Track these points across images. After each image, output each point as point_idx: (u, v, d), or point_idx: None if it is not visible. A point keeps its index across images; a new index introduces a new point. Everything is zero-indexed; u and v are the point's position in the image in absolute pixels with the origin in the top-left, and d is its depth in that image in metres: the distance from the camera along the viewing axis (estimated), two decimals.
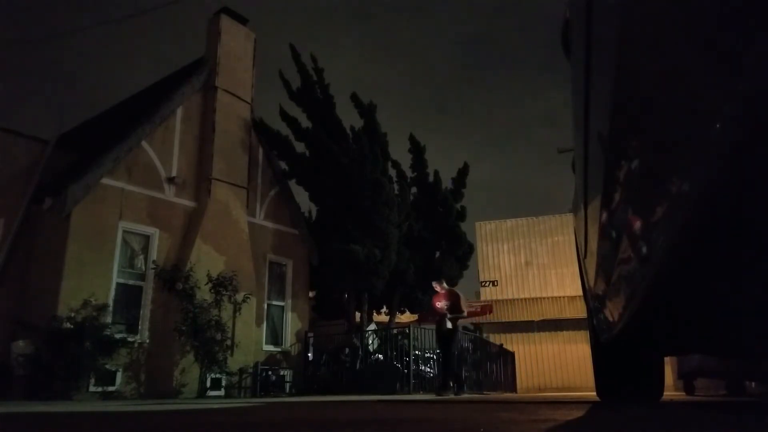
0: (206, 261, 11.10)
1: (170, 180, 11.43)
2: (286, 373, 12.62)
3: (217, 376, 10.75)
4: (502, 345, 17.53)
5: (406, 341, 11.89)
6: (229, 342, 10.91)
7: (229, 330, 10.97)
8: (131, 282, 10.54)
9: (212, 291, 10.66)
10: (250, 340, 11.81)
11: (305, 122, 14.38)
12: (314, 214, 15.47)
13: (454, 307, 8.95)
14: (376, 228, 13.32)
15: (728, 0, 0.65)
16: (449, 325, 8.90)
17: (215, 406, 4.75)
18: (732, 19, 0.64)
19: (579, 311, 19.11)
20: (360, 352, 12.45)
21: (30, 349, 8.77)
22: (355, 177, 13.42)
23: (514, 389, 16.83)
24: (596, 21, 1.23)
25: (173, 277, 10.51)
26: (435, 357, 13.34)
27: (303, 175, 14.13)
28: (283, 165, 14.37)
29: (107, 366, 9.43)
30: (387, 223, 13.50)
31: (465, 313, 9.22)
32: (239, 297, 11.05)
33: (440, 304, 9.03)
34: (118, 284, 10.23)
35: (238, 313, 11.17)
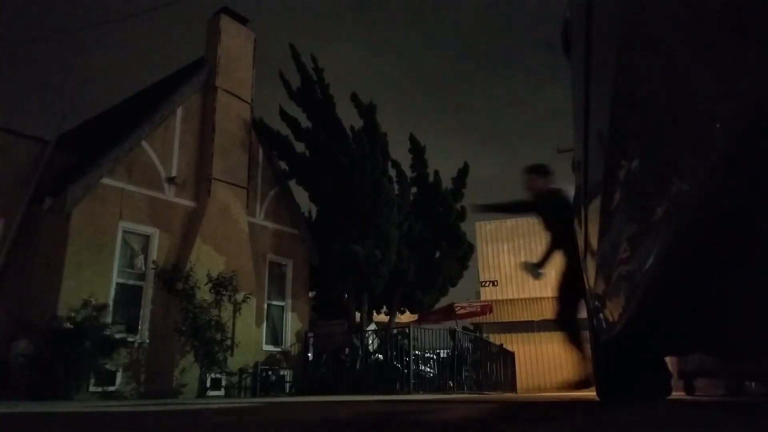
0: (206, 261, 11.10)
1: (170, 180, 11.43)
2: (286, 373, 12.62)
3: (217, 376, 10.75)
4: (502, 345, 17.51)
5: (406, 341, 11.89)
6: (229, 342, 10.91)
7: (229, 330, 10.98)
8: (131, 282, 10.54)
9: (212, 291, 10.68)
10: (250, 340, 11.81)
11: (305, 122, 14.40)
12: (314, 214, 15.48)
13: None
14: (376, 228, 13.31)
15: (728, 0, 0.64)
16: None
17: (215, 406, 4.75)
18: (732, 19, 0.64)
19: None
20: (360, 352, 12.44)
21: (30, 349, 8.77)
22: (355, 177, 13.41)
23: (514, 389, 16.82)
24: (596, 21, 1.23)
25: (173, 277, 10.53)
26: (435, 357, 13.36)
27: (303, 175, 14.13)
28: (283, 165, 14.38)
29: (107, 366, 9.43)
30: (387, 223, 13.50)
31: None
32: (239, 297, 11.06)
33: None
34: (118, 284, 10.23)
35: (238, 313, 11.17)
